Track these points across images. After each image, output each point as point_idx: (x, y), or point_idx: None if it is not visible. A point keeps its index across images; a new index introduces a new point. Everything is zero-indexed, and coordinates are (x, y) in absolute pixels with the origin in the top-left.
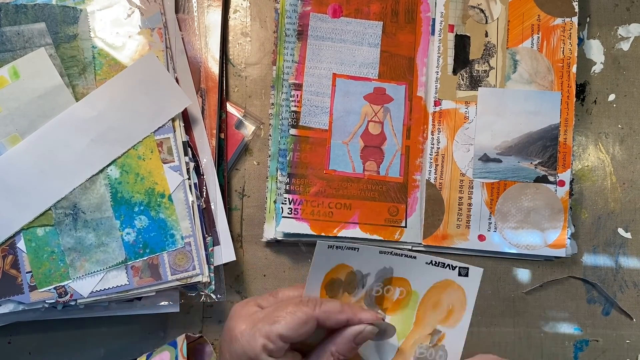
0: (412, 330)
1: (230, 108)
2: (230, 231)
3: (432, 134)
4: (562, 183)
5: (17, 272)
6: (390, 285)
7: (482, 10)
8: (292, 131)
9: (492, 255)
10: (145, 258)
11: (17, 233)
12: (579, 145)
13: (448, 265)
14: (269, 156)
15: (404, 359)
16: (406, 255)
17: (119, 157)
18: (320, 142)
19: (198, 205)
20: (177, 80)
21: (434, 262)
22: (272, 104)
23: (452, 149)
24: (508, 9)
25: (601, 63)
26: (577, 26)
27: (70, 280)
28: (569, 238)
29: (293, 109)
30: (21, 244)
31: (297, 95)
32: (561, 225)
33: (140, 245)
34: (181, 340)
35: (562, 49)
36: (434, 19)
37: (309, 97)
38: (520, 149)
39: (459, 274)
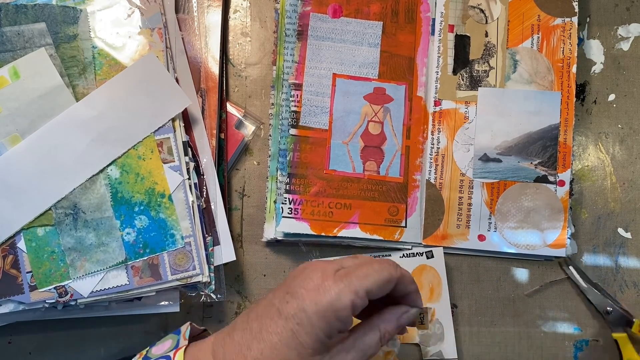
0: None
1: (230, 108)
2: (230, 231)
3: (432, 134)
4: (562, 183)
5: (17, 272)
6: None
7: (482, 10)
8: (292, 131)
9: (492, 255)
10: (145, 258)
11: (18, 233)
12: (579, 145)
13: (417, 253)
14: (269, 156)
15: (410, 340)
16: (382, 256)
17: (119, 157)
18: (320, 142)
19: (198, 205)
20: (177, 80)
21: (406, 254)
22: (272, 104)
23: (452, 149)
24: (508, 9)
25: (601, 63)
26: (577, 26)
27: (71, 280)
28: (569, 238)
29: (293, 109)
30: (21, 244)
31: (297, 95)
32: (561, 225)
33: (141, 245)
34: (185, 327)
35: (562, 49)
36: (434, 19)
37: (309, 97)
38: (520, 149)
39: (427, 258)
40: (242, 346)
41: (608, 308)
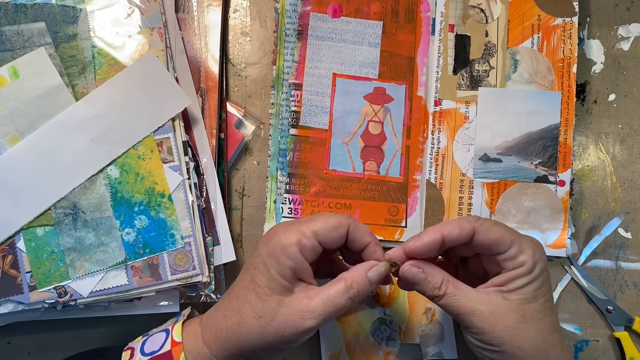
0: (409, 314)
1: (230, 108)
2: (230, 231)
3: (433, 134)
4: (562, 183)
5: (16, 272)
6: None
7: (482, 10)
8: (292, 131)
9: None
10: (145, 258)
11: (17, 233)
12: (579, 145)
13: None
14: (269, 156)
15: (411, 340)
16: None
17: (119, 157)
18: (320, 142)
19: (198, 205)
20: (177, 80)
21: None
22: (272, 104)
23: (452, 149)
24: (508, 9)
25: (601, 63)
26: (577, 26)
27: (70, 280)
28: (569, 238)
29: (293, 108)
30: (21, 244)
31: (297, 95)
32: (561, 225)
33: (140, 245)
34: (186, 310)
35: (562, 49)
36: (434, 19)
37: (309, 96)
38: (520, 148)
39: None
40: (219, 304)
41: (609, 307)
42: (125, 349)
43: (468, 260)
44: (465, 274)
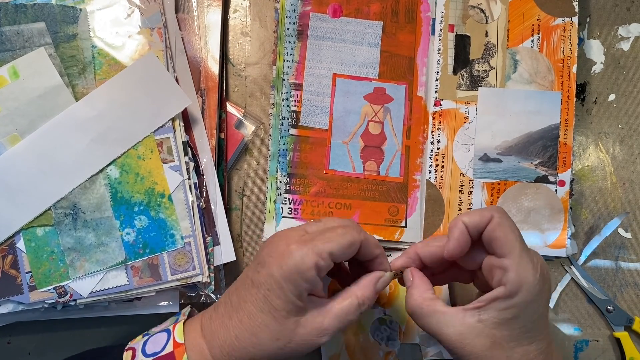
0: None
1: (230, 108)
2: (230, 231)
3: (433, 134)
4: (562, 183)
5: (16, 272)
6: None
7: (482, 10)
8: (292, 131)
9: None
10: (145, 258)
11: (17, 233)
12: (579, 145)
13: None
14: (269, 156)
15: (411, 340)
16: None
17: (119, 157)
18: (320, 142)
19: (198, 205)
20: (176, 80)
21: None
22: (272, 104)
23: (452, 149)
24: (508, 9)
25: (601, 63)
26: (577, 26)
27: (70, 281)
28: (569, 238)
29: (293, 108)
30: (21, 244)
31: (297, 95)
32: (561, 225)
33: (140, 245)
34: (186, 308)
35: (562, 49)
36: (434, 19)
37: (309, 97)
38: (520, 148)
39: None
40: (224, 317)
41: (609, 307)
42: (126, 349)
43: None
44: (479, 283)
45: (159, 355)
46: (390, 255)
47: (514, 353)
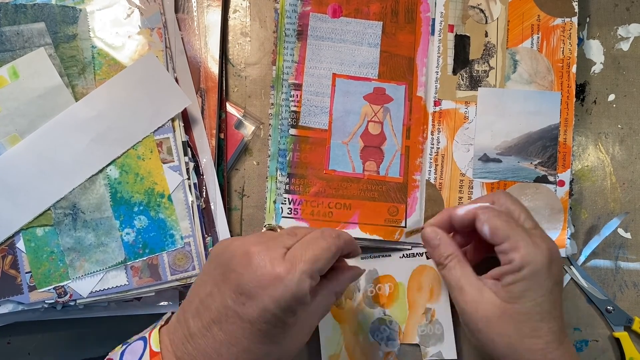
0: (409, 314)
1: (230, 108)
2: (230, 231)
3: (432, 134)
4: (562, 183)
5: (16, 272)
6: (379, 283)
7: (482, 10)
8: (292, 131)
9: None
10: (144, 258)
11: (17, 233)
12: (579, 145)
13: (417, 254)
14: (269, 156)
15: (410, 340)
16: (383, 256)
17: (119, 157)
18: (320, 142)
19: (198, 206)
20: (176, 80)
21: (406, 255)
22: (272, 104)
23: (452, 149)
24: (508, 9)
25: (601, 63)
26: (577, 26)
27: (70, 281)
28: (568, 238)
29: (293, 109)
30: (20, 244)
31: (297, 95)
32: (561, 225)
33: (140, 246)
34: (167, 314)
35: (562, 49)
36: (433, 19)
37: (308, 97)
38: (520, 149)
39: (427, 258)
40: (211, 353)
41: (608, 307)
42: (106, 359)
43: None
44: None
45: None
46: (389, 256)
47: (524, 327)
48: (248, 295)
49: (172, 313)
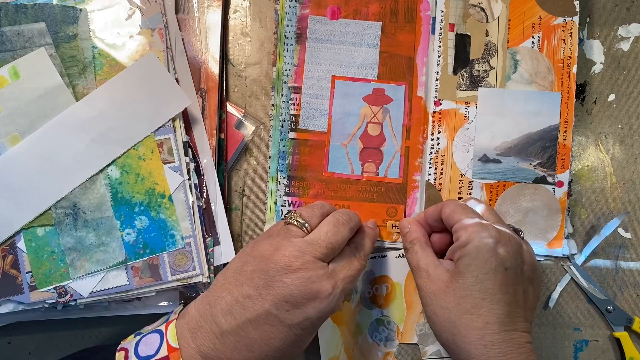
0: (407, 314)
1: (230, 108)
2: (231, 231)
3: (432, 135)
4: (560, 184)
5: (17, 272)
6: (377, 284)
7: (482, 9)
8: (292, 135)
9: None
10: (145, 258)
11: (17, 233)
12: (579, 145)
13: None
14: (270, 157)
15: (409, 339)
16: (379, 257)
17: (120, 157)
18: (319, 144)
19: (198, 206)
20: (177, 81)
21: (401, 255)
22: (273, 105)
23: (451, 150)
24: (509, 8)
25: (601, 63)
26: (577, 26)
27: (70, 280)
28: (567, 238)
29: (292, 112)
30: (21, 244)
31: (296, 98)
32: (559, 225)
33: (141, 246)
34: (178, 308)
35: (562, 49)
36: (434, 18)
37: (307, 99)
38: (519, 149)
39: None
40: (242, 349)
41: (608, 307)
42: (118, 349)
43: None
44: None
45: (153, 359)
46: (385, 256)
47: (464, 302)
48: (294, 304)
49: (184, 306)
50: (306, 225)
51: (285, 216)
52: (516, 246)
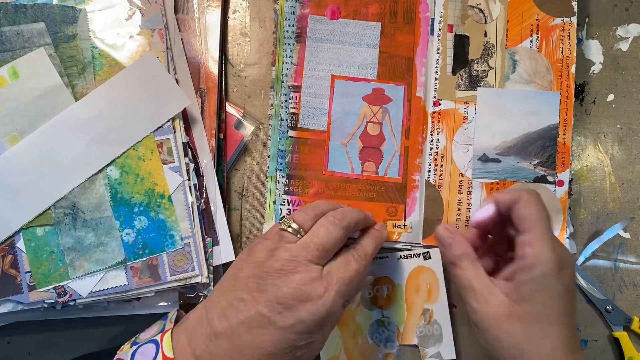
0: (407, 315)
1: (229, 108)
2: (230, 231)
3: (432, 134)
4: (561, 183)
5: (16, 271)
6: (377, 285)
7: (481, 10)
8: (291, 133)
9: None
10: (144, 259)
11: (17, 233)
12: (578, 145)
13: (414, 255)
14: (269, 157)
15: (409, 341)
16: (380, 258)
17: (119, 158)
18: (319, 143)
19: (198, 206)
20: (177, 81)
21: (403, 256)
22: (272, 105)
23: (451, 149)
24: (507, 9)
25: (600, 63)
26: (576, 26)
27: (70, 280)
28: (567, 238)
29: (292, 111)
30: (20, 244)
31: (296, 97)
32: (560, 225)
33: (140, 246)
34: (172, 313)
35: (561, 49)
36: (433, 19)
37: (307, 99)
38: (519, 149)
39: (424, 259)
40: (234, 354)
41: (607, 307)
42: (115, 359)
43: None
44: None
45: None
46: (387, 257)
47: (532, 329)
48: (286, 306)
49: (178, 310)
50: (300, 230)
51: (279, 221)
52: (574, 264)
